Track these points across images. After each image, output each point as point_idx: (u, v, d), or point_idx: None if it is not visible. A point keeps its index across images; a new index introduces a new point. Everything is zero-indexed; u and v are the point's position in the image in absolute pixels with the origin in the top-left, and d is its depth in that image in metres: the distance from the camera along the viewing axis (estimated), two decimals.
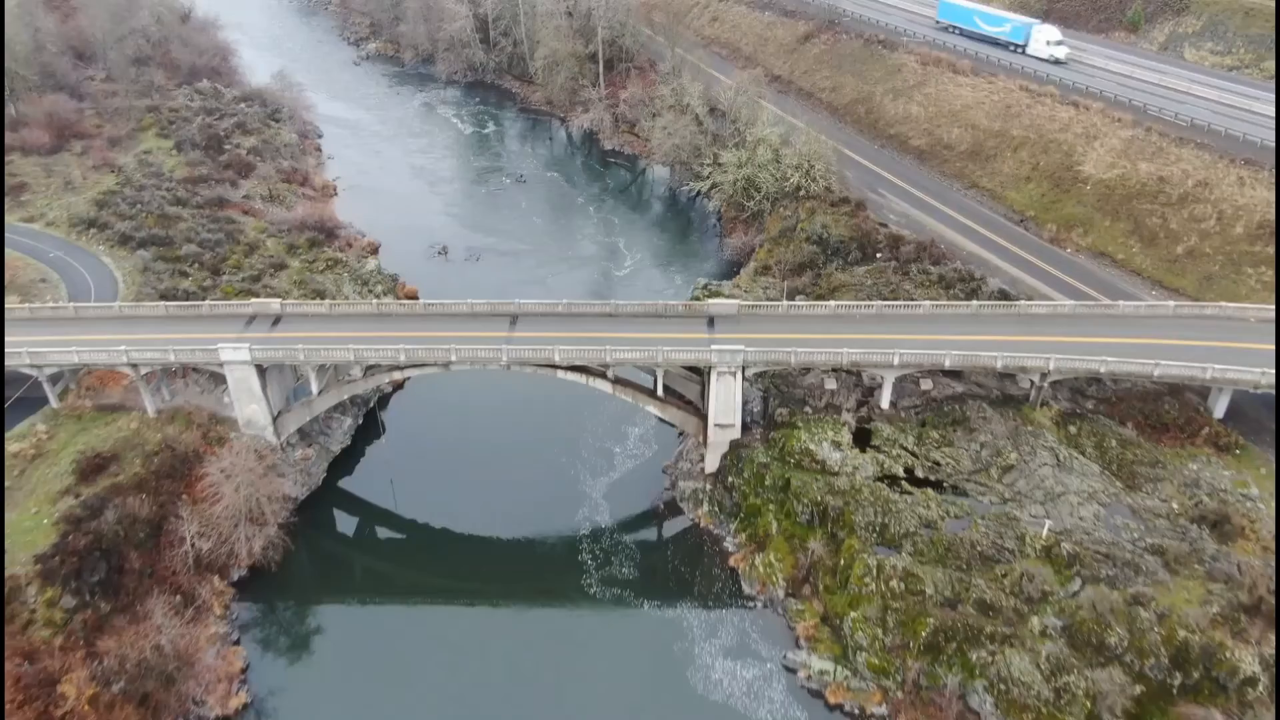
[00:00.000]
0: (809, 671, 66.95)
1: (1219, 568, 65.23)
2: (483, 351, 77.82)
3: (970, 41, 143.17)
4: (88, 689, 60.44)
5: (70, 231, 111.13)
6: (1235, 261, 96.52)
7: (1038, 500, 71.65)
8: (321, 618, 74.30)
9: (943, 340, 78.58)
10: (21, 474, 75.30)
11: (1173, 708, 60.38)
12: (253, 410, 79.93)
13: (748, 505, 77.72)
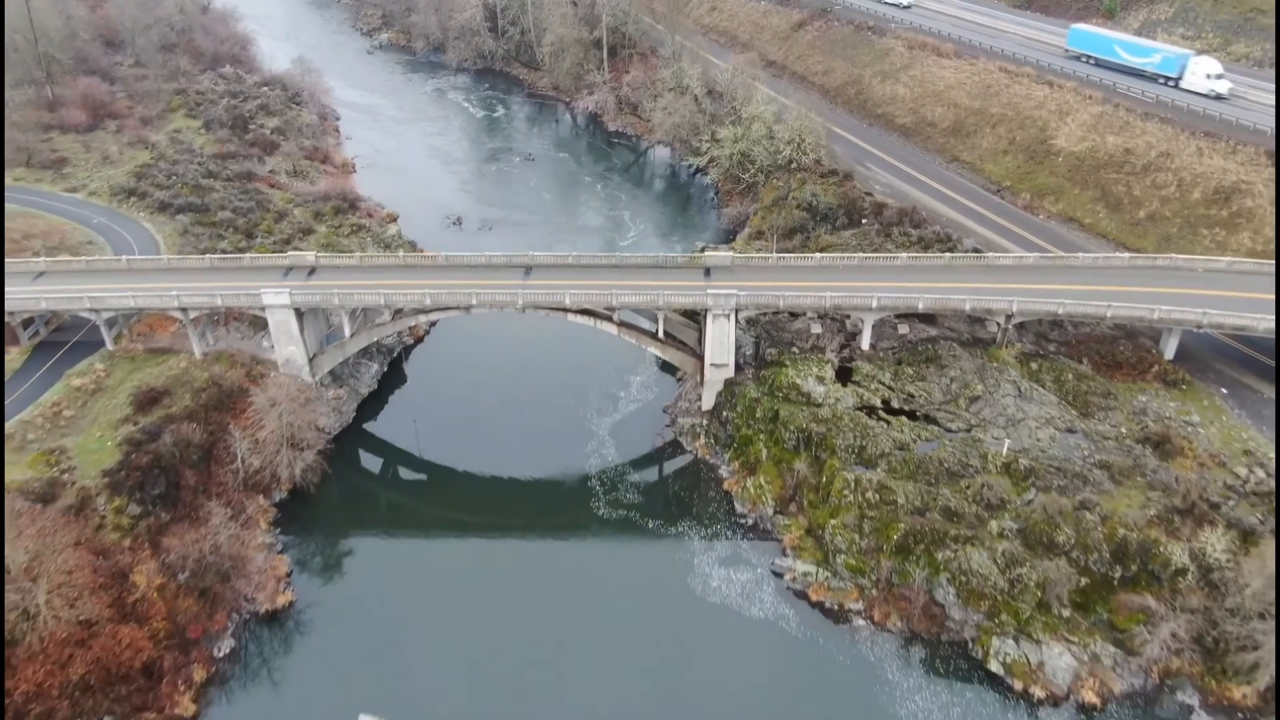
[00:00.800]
0: (794, 574, 74.92)
1: (1158, 479, 73.28)
2: (500, 295, 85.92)
3: (1108, 73, 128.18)
4: (156, 579, 68.57)
5: (111, 200, 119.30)
6: (1192, 224, 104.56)
7: (1000, 425, 79.68)
8: (353, 540, 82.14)
9: (917, 287, 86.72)
10: (83, 405, 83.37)
11: (1113, 596, 68.47)
12: (291, 351, 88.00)
13: (740, 436, 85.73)
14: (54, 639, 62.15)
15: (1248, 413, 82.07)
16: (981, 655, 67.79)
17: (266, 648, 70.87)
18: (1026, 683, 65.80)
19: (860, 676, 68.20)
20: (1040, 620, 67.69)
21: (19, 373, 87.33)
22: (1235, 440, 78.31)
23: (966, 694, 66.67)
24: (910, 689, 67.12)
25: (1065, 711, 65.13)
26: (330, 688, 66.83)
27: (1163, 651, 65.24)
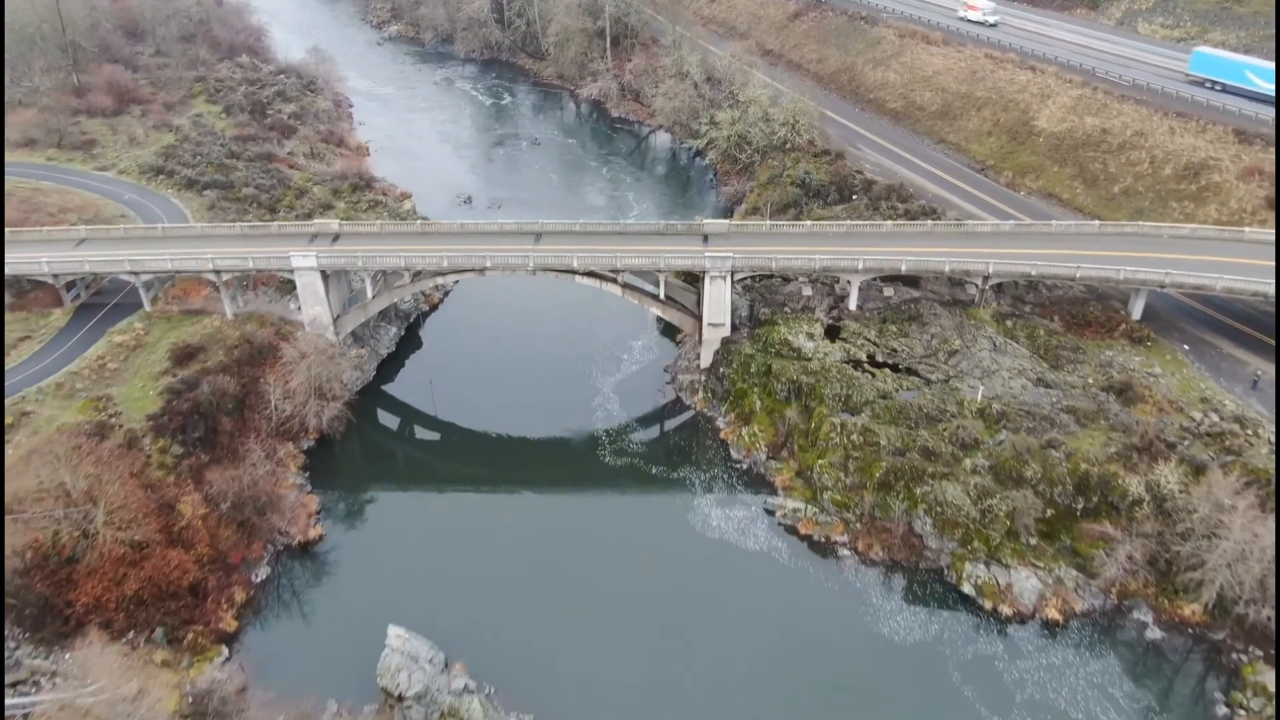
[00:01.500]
0: (785, 511, 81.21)
1: (1119, 421, 79.60)
2: (513, 258, 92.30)
3: (1236, 99, 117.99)
4: (199, 510, 74.85)
5: (140, 178, 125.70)
6: (1163, 198, 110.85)
7: (976, 376, 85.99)
8: (375, 484, 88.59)
9: (901, 251, 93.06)
10: (125, 359, 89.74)
11: (1075, 525, 74.78)
12: (317, 311, 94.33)
13: (736, 389, 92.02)
14: (110, 558, 68.36)
15: (1206, 366, 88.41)
16: (955, 579, 74.05)
17: (299, 575, 77.26)
18: (996, 602, 72.06)
19: (846, 601, 74.46)
20: (1009, 547, 73.95)
21: (63, 331, 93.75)
22: (1193, 389, 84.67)
23: (942, 614, 72.93)
24: (891, 610, 73.40)
25: (1031, 628, 71.38)
26: (360, 607, 73.09)
27: (1120, 573, 71.38)
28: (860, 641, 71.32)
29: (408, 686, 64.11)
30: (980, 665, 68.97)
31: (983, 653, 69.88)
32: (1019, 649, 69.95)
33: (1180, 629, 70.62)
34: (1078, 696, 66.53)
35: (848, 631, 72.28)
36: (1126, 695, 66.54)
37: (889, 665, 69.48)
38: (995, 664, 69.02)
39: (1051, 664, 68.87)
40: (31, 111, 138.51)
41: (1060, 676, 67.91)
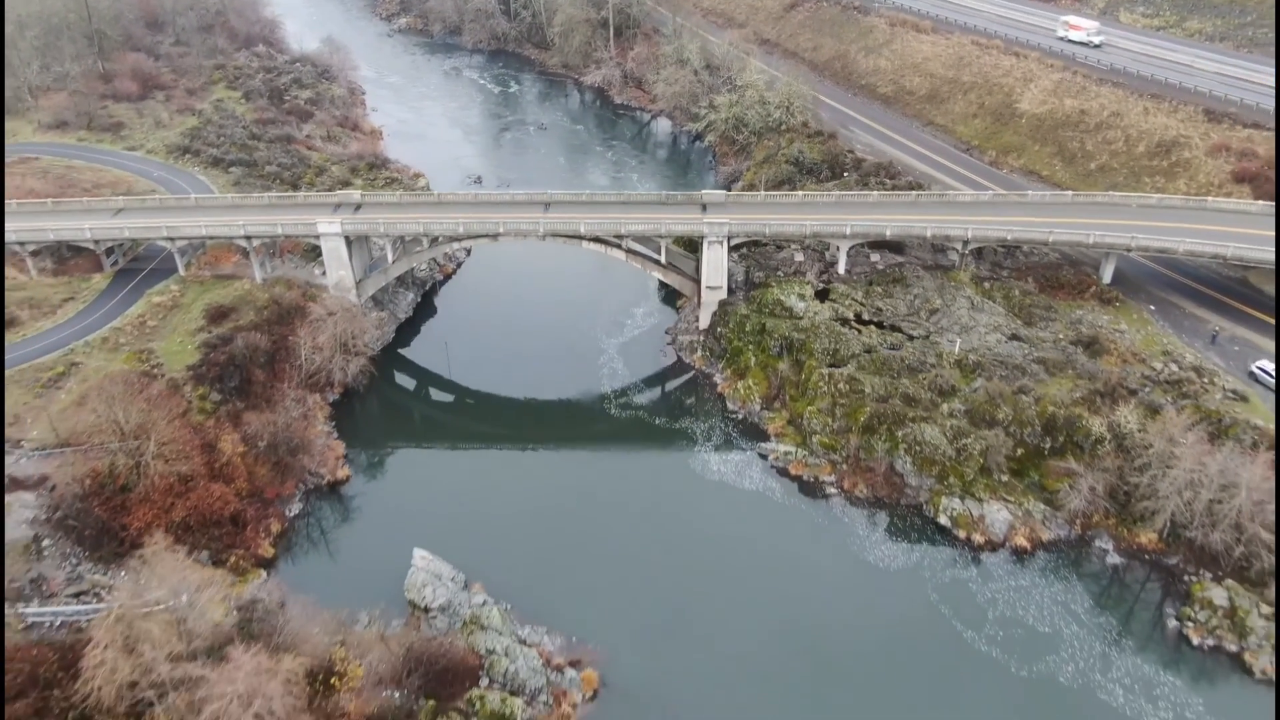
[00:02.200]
0: (777, 455, 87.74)
1: (1085, 370, 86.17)
2: (524, 225, 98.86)
3: None
4: (238, 448, 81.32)
5: (168, 156, 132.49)
6: (1136, 173, 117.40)
7: (954, 331, 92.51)
8: (396, 434, 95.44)
9: (886, 219, 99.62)
10: (164, 318, 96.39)
11: (1043, 463, 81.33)
12: (341, 275, 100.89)
13: (732, 347, 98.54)
14: (159, 488, 74.87)
15: (1170, 323, 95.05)
16: (933, 513, 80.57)
17: (329, 510, 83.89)
18: (970, 532, 78.60)
19: (834, 533, 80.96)
20: (982, 483, 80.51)
21: (104, 293, 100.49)
22: (1156, 343, 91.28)
23: (921, 544, 79.43)
24: (876, 541, 79.90)
25: (1001, 555, 77.88)
26: (386, 536, 79.66)
27: (1083, 505, 77.81)
28: (848, 569, 77.73)
29: (433, 599, 70.70)
30: (956, 587, 75.43)
31: (958, 577, 76.36)
32: (990, 573, 76.46)
33: (1138, 555, 77.11)
34: (1044, 613, 72.99)
35: (836, 560, 78.71)
36: (1087, 612, 73.01)
37: (874, 588, 75.85)
38: (969, 586, 75.49)
39: (1020, 586, 75.35)
40: (62, 95, 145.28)
41: (1028, 596, 74.38)
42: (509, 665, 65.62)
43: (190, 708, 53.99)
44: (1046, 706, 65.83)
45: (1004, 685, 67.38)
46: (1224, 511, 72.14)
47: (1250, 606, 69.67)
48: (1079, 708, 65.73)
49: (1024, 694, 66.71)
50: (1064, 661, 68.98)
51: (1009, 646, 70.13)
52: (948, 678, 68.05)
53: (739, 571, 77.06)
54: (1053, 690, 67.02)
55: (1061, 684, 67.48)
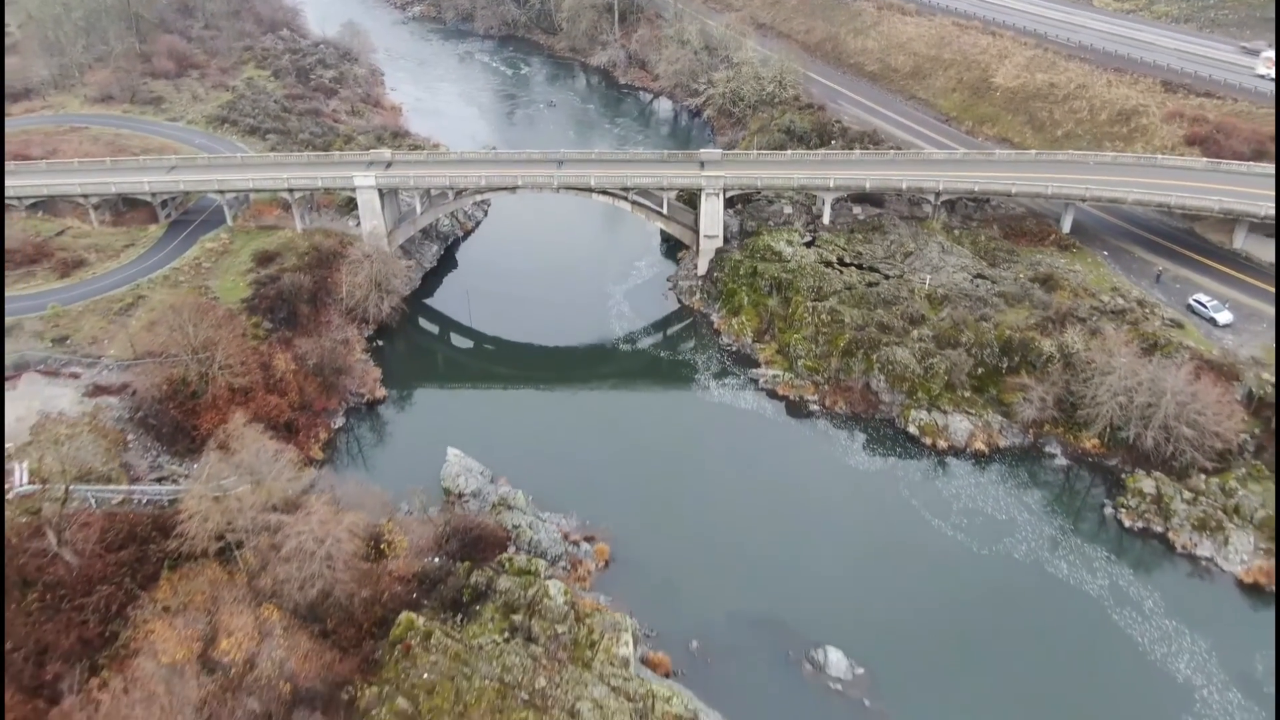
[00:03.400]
0: (767, 378, 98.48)
1: (1040, 301, 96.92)
2: (540, 178, 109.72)
3: None
4: (290, 366, 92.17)
5: (207, 126, 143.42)
6: (1099, 139, 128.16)
7: (926, 270, 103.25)
8: (425, 365, 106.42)
9: (866, 174, 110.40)
10: (216, 261, 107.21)
11: (1000, 380, 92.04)
12: (374, 224, 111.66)
13: (727, 289, 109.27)
14: (223, 397, 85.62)
15: (1120, 266, 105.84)
16: (903, 423, 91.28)
17: (370, 422, 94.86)
18: (934, 438, 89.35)
19: (818, 443, 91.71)
20: (946, 397, 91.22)
21: (161, 240, 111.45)
22: (1106, 281, 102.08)
23: (894, 450, 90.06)
24: (854, 448, 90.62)
25: (963, 458, 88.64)
26: (421, 443, 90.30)
27: (1035, 414, 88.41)
28: (831, 472, 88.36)
29: (465, 486, 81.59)
30: (924, 485, 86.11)
31: (926, 476, 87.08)
32: (954, 474, 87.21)
33: (1082, 458, 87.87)
34: (1000, 505, 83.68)
35: (821, 465, 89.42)
36: (1037, 503, 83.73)
37: (854, 487, 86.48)
38: (936, 484, 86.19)
39: (980, 483, 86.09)
40: (106, 72, 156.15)
41: (986, 492, 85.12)
42: (533, 536, 76.44)
43: (272, 547, 64.82)
44: (1004, 578, 76.17)
45: (967, 562, 77.75)
46: (1154, 415, 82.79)
47: (1174, 493, 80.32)
48: (1031, 578, 76.19)
49: (985, 569, 77.11)
50: (1018, 543, 79.59)
51: (971, 531, 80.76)
52: (918, 556, 78.34)
53: (733, 473, 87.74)
54: (1009, 565, 77.58)
55: (1016, 559, 78.10)
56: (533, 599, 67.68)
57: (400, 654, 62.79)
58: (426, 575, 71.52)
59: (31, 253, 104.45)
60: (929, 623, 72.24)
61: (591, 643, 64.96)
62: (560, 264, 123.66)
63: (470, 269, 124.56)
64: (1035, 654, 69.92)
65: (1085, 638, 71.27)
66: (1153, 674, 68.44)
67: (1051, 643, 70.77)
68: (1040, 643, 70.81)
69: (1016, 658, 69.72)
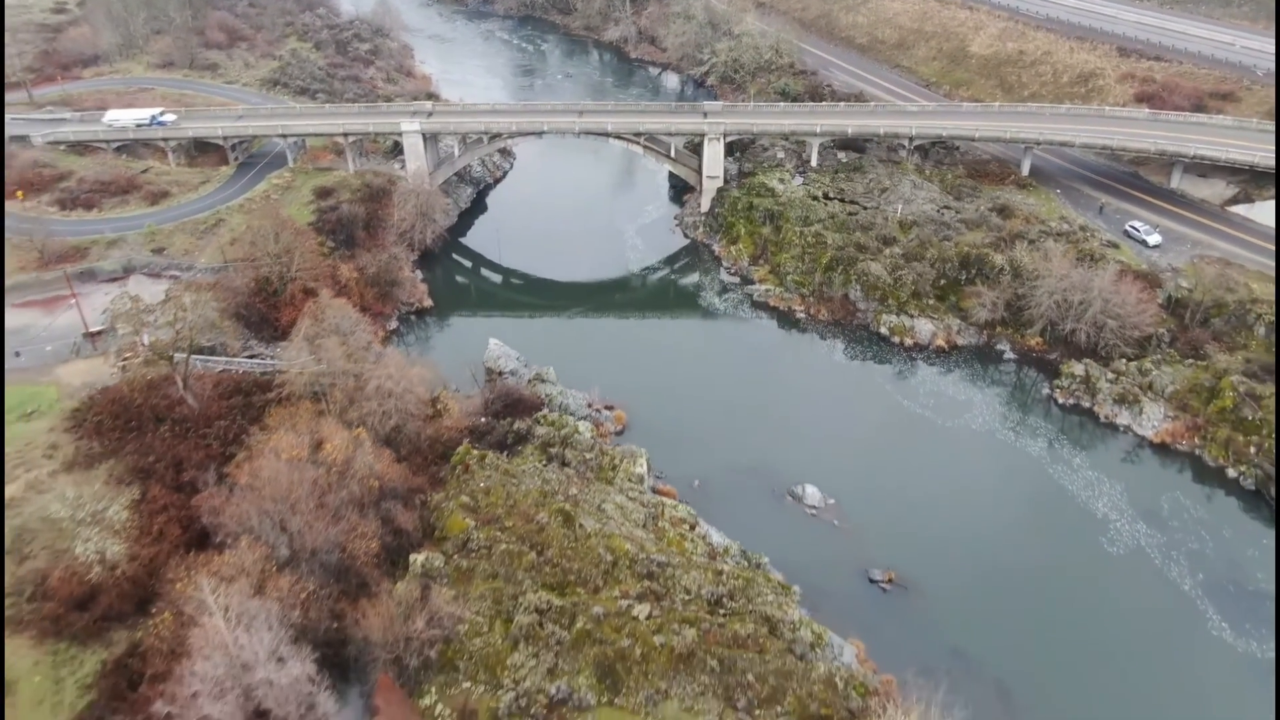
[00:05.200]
0: (760, 292, 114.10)
1: (995, 225, 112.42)
2: (564, 124, 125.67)
3: None
4: (353, 274, 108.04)
5: (261, 88, 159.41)
6: (1059, 98, 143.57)
7: (899, 202, 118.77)
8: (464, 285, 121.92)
9: (848, 121, 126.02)
10: (282, 194, 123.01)
11: (959, 290, 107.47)
12: (417, 166, 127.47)
13: (727, 222, 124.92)
14: (298, 297, 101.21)
15: (1070, 202, 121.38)
16: (876, 326, 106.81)
17: (420, 325, 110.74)
18: (903, 337, 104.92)
19: (804, 343, 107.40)
20: (913, 304, 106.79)
21: (232, 178, 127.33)
22: (1055, 212, 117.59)
23: (870, 348, 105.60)
24: (835, 348, 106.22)
25: (927, 354, 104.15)
26: (465, 338, 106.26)
27: (987, 316, 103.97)
28: (814, 364, 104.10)
29: (504, 367, 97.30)
30: (894, 374, 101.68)
31: (897, 369, 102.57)
32: (919, 366, 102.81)
33: (1027, 353, 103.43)
34: (959, 390, 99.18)
35: (806, 359, 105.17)
36: (989, 387, 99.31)
37: (834, 375, 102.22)
38: (904, 373, 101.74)
39: (941, 373, 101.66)
40: (166, 40, 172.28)
41: (947, 379, 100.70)
42: (563, 400, 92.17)
43: (356, 388, 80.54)
44: (961, 443, 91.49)
45: (930, 430, 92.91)
46: (1085, 311, 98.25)
47: (1100, 375, 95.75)
48: (983, 443, 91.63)
49: (945, 436, 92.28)
50: (974, 418, 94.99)
51: (936, 409, 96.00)
52: (889, 425, 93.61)
53: (731, 365, 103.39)
54: (966, 434, 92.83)
55: (972, 430, 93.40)
56: (565, 436, 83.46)
57: (460, 471, 78.59)
58: (476, 428, 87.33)
59: (124, 184, 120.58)
60: (894, 469, 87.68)
61: (613, 466, 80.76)
62: (579, 207, 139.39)
63: (499, 210, 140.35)
64: (977, 492, 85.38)
65: (1023, 486, 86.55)
66: (1077, 511, 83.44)
67: (993, 486, 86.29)
68: (983, 486, 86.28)
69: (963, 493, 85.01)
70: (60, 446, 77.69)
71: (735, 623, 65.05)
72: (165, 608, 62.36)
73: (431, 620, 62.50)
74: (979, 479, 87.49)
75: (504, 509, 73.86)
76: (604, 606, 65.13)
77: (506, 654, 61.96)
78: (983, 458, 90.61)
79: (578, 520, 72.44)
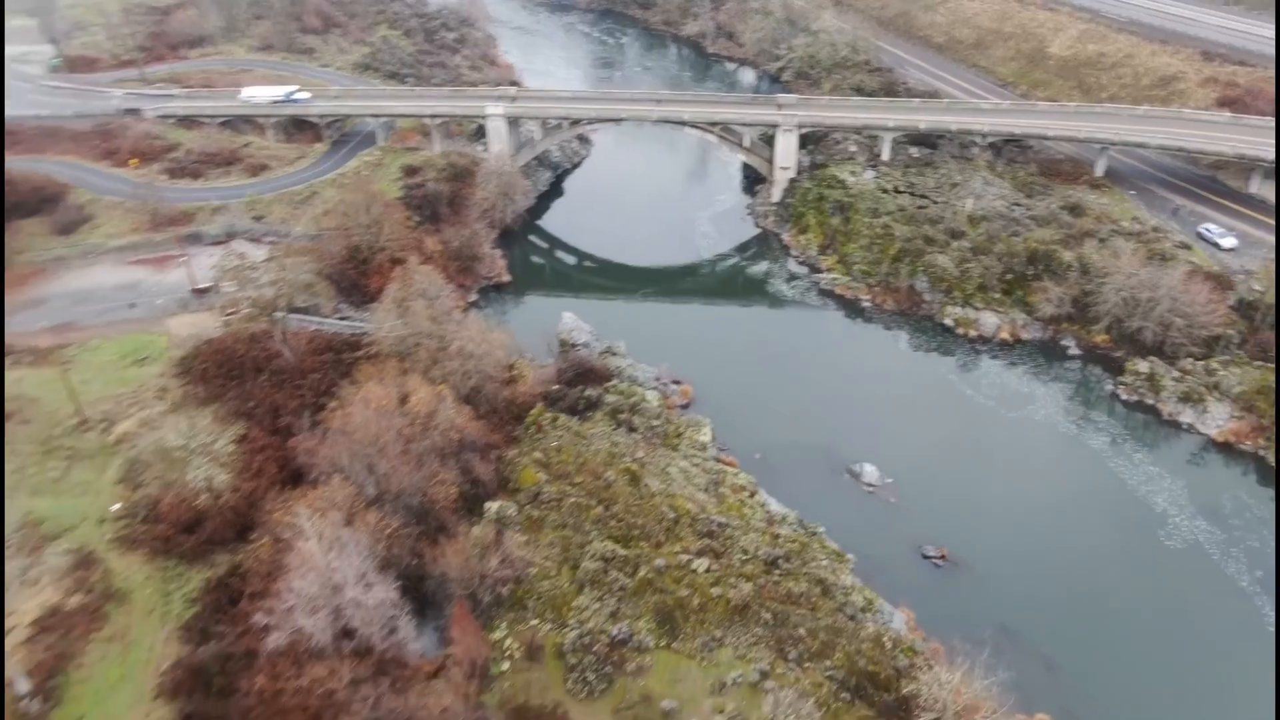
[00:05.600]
0: (827, 281, 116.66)
1: (1065, 223, 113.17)
2: (641, 111, 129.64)
3: None
4: (437, 246, 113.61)
5: (353, 71, 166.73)
6: (1138, 100, 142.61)
7: (970, 197, 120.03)
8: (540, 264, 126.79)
9: (921, 117, 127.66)
10: (372, 170, 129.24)
11: (1026, 285, 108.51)
12: (500, 148, 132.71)
13: (797, 212, 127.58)
14: (386, 266, 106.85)
15: (1144, 203, 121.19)
16: (941, 318, 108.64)
17: (498, 298, 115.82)
18: (967, 329, 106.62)
19: (868, 333, 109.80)
20: (979, 296, 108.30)
21: (326, 154, 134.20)
22: (1128, 213, 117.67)
23: (934, 339, 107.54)
24: (898, 337, 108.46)
25: (991, 346, 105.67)
26: (541, 312, 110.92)
27: (1053, 311, 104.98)
28: (879, 354, 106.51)
29: (579, 338, 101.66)
30: (959, 365, 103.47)
31: (960, 360, 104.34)
32: (983, 357, 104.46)
33: (1092, 349, 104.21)
34: (1021, 381, 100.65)
35: (871, 349, 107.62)
36: (1053, 381, 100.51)
37: (897, 362, 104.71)
38: (968, 365, 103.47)
39: (1006, 365, 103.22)
40: (266, 24, 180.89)
41: (1009, 371, 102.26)
42: (632, 373, 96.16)
43: (439, 348, 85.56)
44: (1021, 432, 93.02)
45: (991, 419, 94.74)
46: (1153, 308, 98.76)
47: (1165, 373, 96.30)
48: (1043, 434, 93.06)
49: (1006, 425, 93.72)
50: (1035, 410, 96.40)
51: (998, 400, 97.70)
52: (951, 411, 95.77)
53: (796, 348, 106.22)
54: (1027, 425, 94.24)
55: (1034, 421, 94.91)
56: (634, 404, 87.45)
57: (534, 430, 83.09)
58: (549, 394, 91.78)
59: (228, 157, 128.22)
60: (953, 454, 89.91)
61: (679, 434, 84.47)
62: (652, 194, 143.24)
63: (576, 194, 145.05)
64: (1035, 480, 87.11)
65: (1081, 477, 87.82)
66: (1135, 504, 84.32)
67: (1051, 476, 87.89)
68: (1041, 475, 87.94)
69: (1021, 480, 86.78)
70: (169, 390, 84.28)
71: (790, 581, 68.27)
72: (264, 535, 67.96)
73: (504, 561, 66.97)
74: (1037, 468, 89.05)
75: (574, 466, 78.09)
76: (665, 559, 68.89)
77: (572, 596, 66.10)
78: (1042, 448, 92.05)
79: (643, 480, 76.32)
